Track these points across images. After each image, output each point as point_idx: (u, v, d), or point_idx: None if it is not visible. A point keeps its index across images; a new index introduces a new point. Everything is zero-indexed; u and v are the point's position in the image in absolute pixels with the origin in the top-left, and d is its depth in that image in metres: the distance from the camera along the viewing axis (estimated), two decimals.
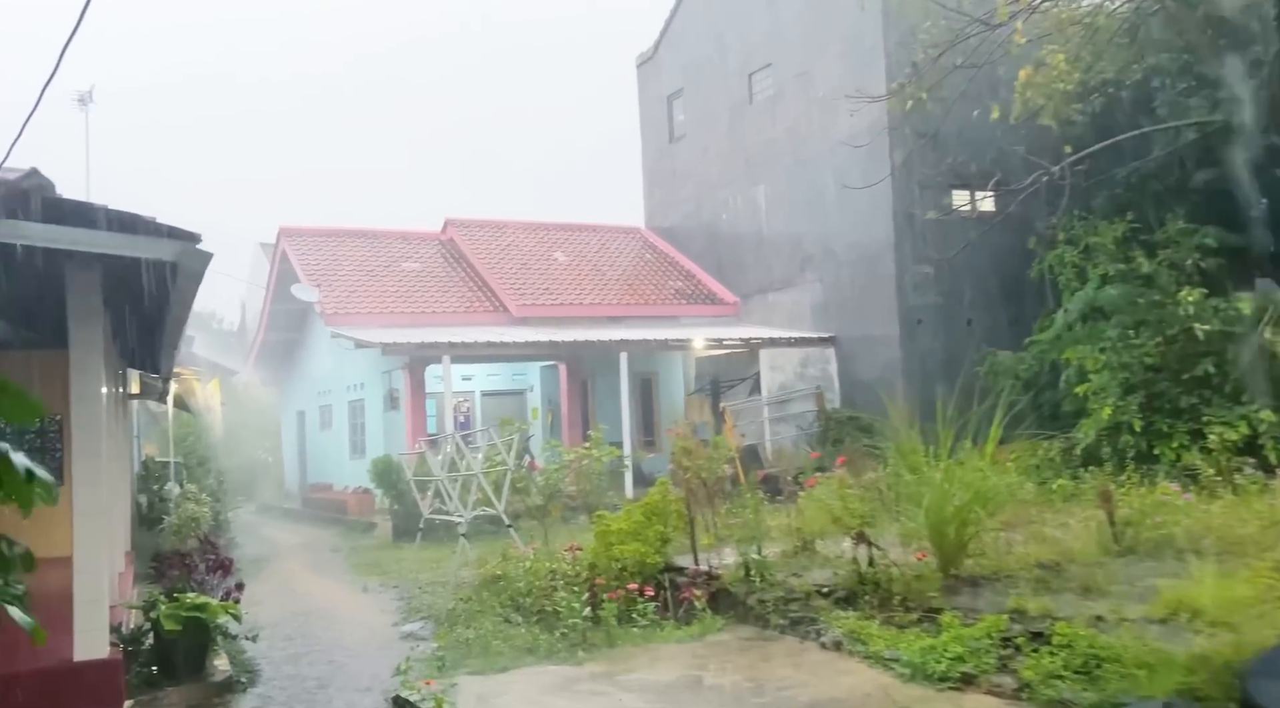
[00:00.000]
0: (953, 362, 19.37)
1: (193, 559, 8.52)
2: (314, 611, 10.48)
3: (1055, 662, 5.16)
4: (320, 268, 22.20)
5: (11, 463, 2.17)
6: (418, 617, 9.66)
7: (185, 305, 7.56)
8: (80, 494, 6.68)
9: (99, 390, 6.90)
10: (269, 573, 13.74)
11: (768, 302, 22.69)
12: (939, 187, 19.69)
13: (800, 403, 20.42)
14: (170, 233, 6.25)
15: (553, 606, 7.96)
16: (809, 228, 21.32)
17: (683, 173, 25.81)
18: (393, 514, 16.96)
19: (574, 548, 8.84)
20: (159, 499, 15.15)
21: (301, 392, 27.32)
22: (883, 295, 19.55)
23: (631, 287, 23.65)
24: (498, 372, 23.30)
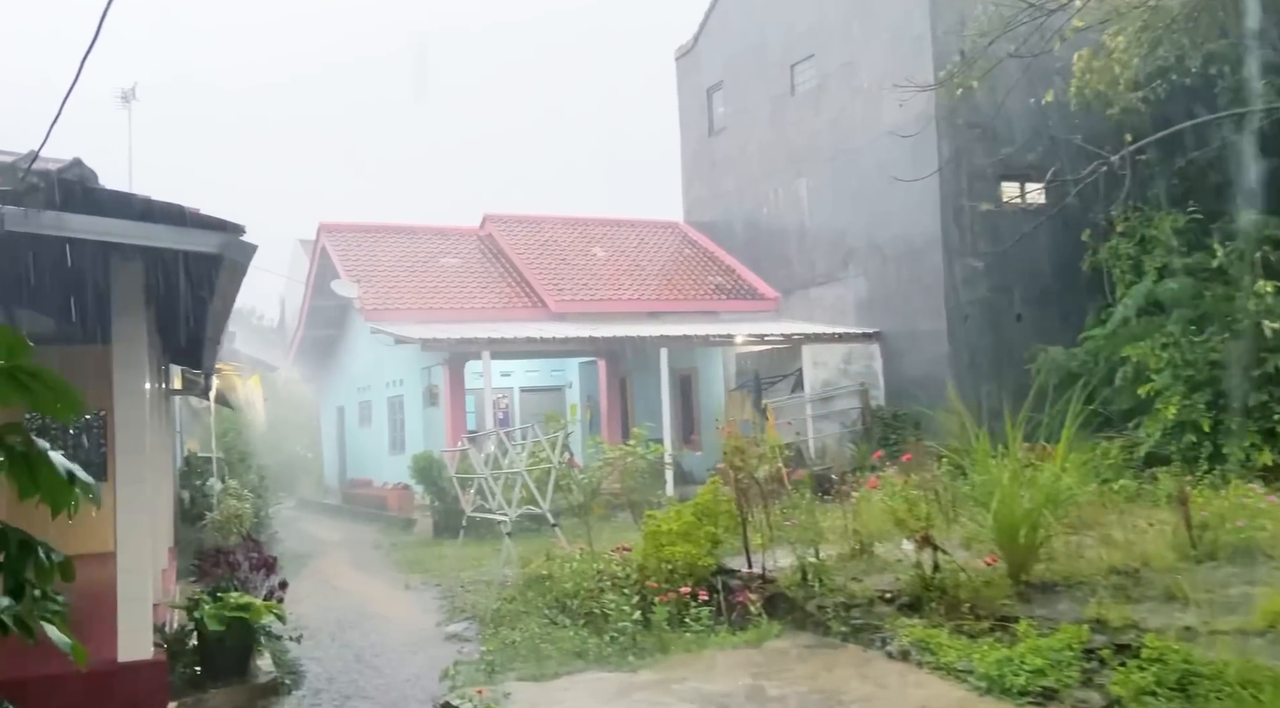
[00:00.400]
0: (1002, 358, 18.93)
1: (236, 557, 8.39)
2: (357, 609, 10.35)
3: (1147, 678, 4.82)
4: (360, 264, 22.17)
5: (52, 464, 1.96)
6: (462, 617, 9.48)
7: (228, 299, 7.41)
8: (124, 491, 6.56)
9: (142, 386, 6.78)
10: (311, 570, 13.67)
11: (810, 297, 22.31)
12: (988, 178, 19.20)
13: (844, 400, 20.04)
14: (214, 225, 6.09)
15: (601, 608, 7.72)
16: (853, 221, 20.91)
17: (722, 166, 25.47)
18: (433, 511, 16.86)
19: (622, 549, 8.60)
20: (201, 495, 15.15)
21: (341, 388, 27.39)
22: (930, 290, 19.10)
23: (670, 282, 23.38)
24: (536, 368, 23.15)
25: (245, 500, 14.11)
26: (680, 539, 7.62)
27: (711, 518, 7.84)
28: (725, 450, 7.49)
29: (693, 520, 7.70)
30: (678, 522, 7.71)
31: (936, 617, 6.24)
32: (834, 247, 21.50)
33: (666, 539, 7.63)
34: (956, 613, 6.22)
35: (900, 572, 7.19)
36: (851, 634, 6.40)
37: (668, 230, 26.16)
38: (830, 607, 6.58)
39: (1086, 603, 6.07)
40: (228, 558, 8.36)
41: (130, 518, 6.56)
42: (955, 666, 5.54)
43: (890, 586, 6.91)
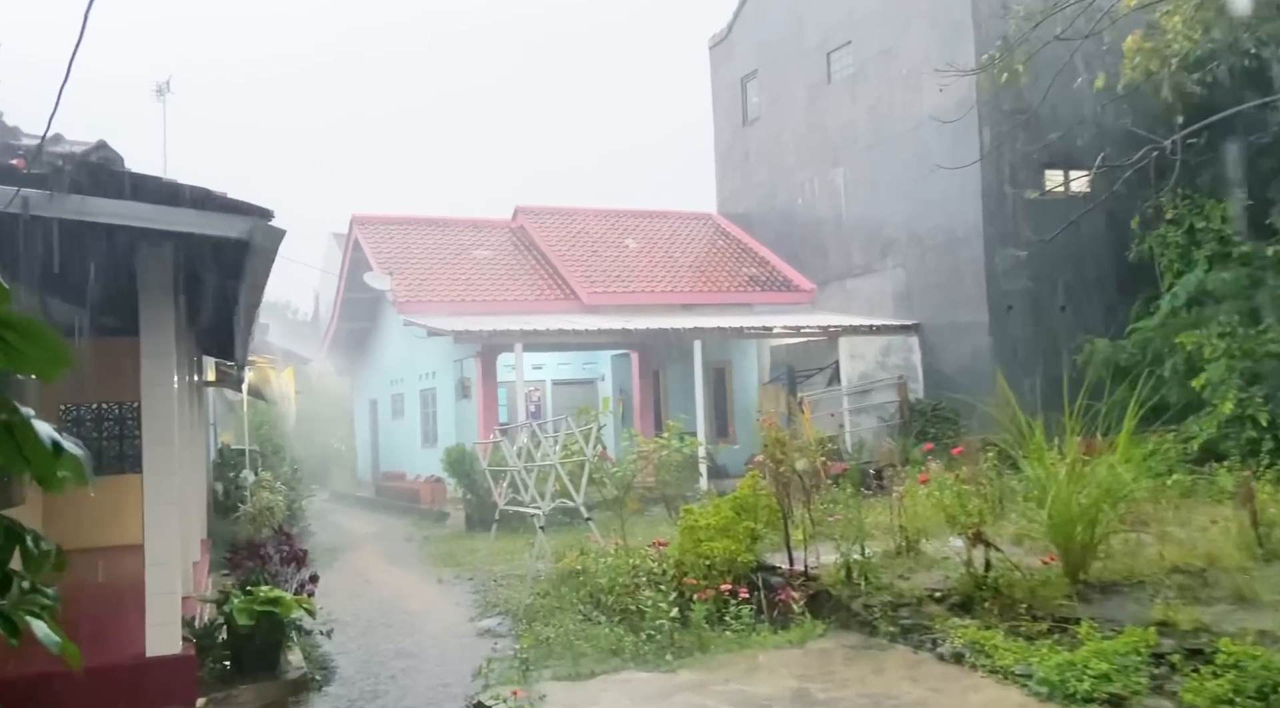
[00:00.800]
0: (1045, 350, 18.47)
1: (267, 550, 8.27)
2: (388, 603, 10.22)
3: (1222, 685, 4.51)
4: (392, 256, 22.12)
5: (37, 434, 1.76)
6: (495, 612, 9.31)
7: (258, 288, 7.26)
8: (152, 483, 6.43)
9: (170, 377, 6.64)
10: (343, 563, 13.58)
11: (846, 289, 21.93)
12: (1030, 166, 18.73)
13: (881, 393, 19.66)
14: (241, 208, 5.93)
15: (637, 604, 7.50)
16: (891, 211, 20.50)
17: (757, 157, 25.13)
18: (465, 504, 16.75)
19: (658, 544, 8.37)
20: (235, 487, 15.14)
21: (374, 380, 27.41)
22: (970, 281, 18.67)
23: (704, 274, 23.10)
24: (569, 360, 22.98)
25: (278, 493, 14.06)
26: (719, 535, 7.38)
27: (750, 513, 7.59)
28: (765, 443, 7.23)
29: (731, 515, 7.45)
30: (716, 516, 7.47)
31: (990, 617, 5.95)
32: (871, 237, 21.11)
33: (704, 535, 7.38)
34: (1011, 613, 5.93)
35: (949, 570, 6.90)
36: (900, 635, 6.12)
37: (701, 222, 25.87)
38: (877, 606, 6.30)
39: (1150, 604, 5.76)
40: (258, 551, 8.24)
41: (158, 510, 6.43)
42: (1013, 669, 5.25)
43: (939, 584, 6.62)
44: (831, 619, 6.60)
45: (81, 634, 7.29)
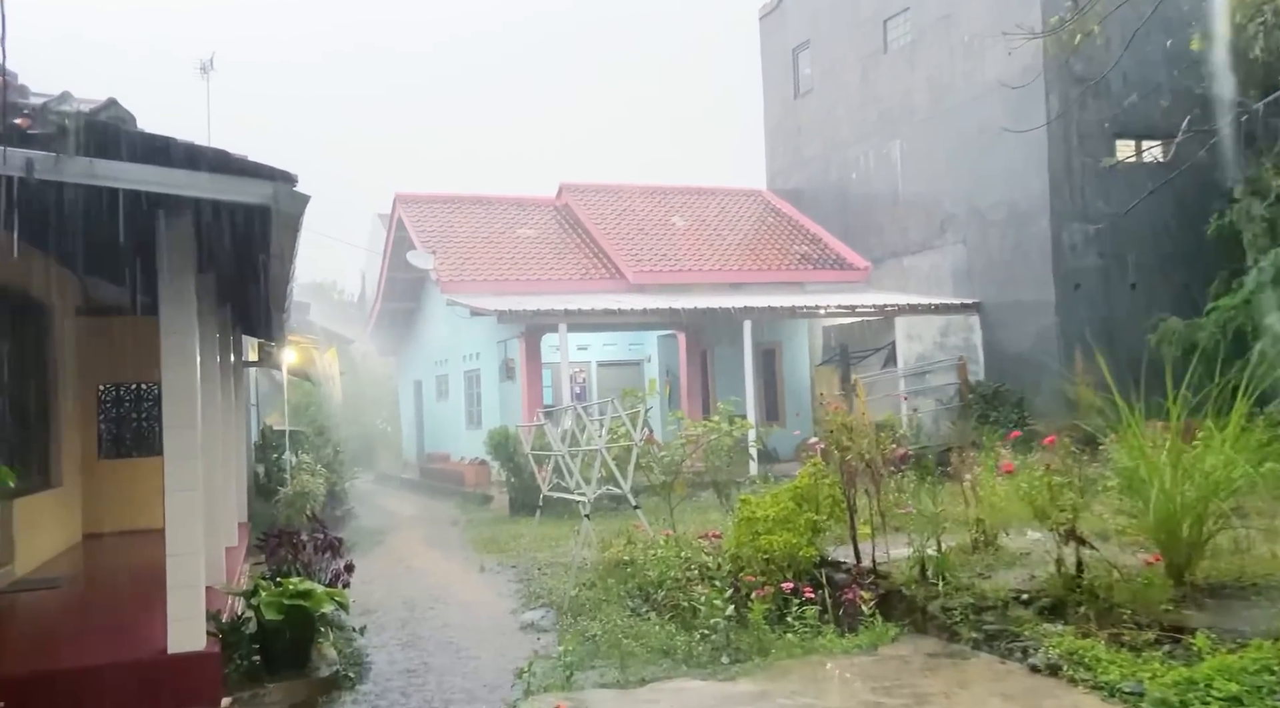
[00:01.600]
0: (1116, 330, 17.53)
1: (300, 538, 7.88)
2: (429, 592, 9.82)
3: None
4: (435, 235, 21.76)
5: None
6: (538, 604, 8.85)
7: (285, 261, 6.82)
8: (173, 469, 6.02)
9: (193, 356, 6.22)
10: (384, 548, 13.26)
11: (902, 266, 21.11)
12: (1101, 135, 17.76)
13: (940, 375, 18.88)
14: (263, 172, 5.46)
15: (689, 601, 6.98)
16: (950, 185, 19.63)
17: (809, 130, 24.31)
18: (509, 487, 16.36)
19: (711, 535, 7.83)
20: (277, 469, 14.89)
21: (418, 361, 27.18)
22: (1035, 257, 17.79)
23: (753, 252, 22.40)
24: (614, 341, 22.47)
25: (319, 476, 13.76)
26: (778, 527, 6.81)
27: (812, 503, 7.01)
28: (830, 428, 6.64)
29: (792, 506, 6.88)
30: (775, 507, 6.90)
31: (1086, 624, 5.31)
32: (930, 212, 20.25)
33: (762, 526, 6.82)
34: (1111, 620, 5.29)
35: (1034, 568, 6.27)
36: (984, 642, 5.51)
37: (750, 198, 25.13)
38: (957, 608, 5.69)
39: (1272, 611, 5.09)
40: (292, 539, 7.85)
41: (180, 498, 6.02)
42: (1120, 686, 4.62)
43: (1024, 584, 5.99)
44: (905, 622, 6.01)
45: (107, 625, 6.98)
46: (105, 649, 6.07)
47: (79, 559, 10.57)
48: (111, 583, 9.20)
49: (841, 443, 6.50)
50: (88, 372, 12.90)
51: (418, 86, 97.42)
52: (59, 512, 10.93)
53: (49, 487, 10.72)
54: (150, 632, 6.08)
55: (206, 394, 8.66)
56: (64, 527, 11.08)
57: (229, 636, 6.29)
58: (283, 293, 8.37)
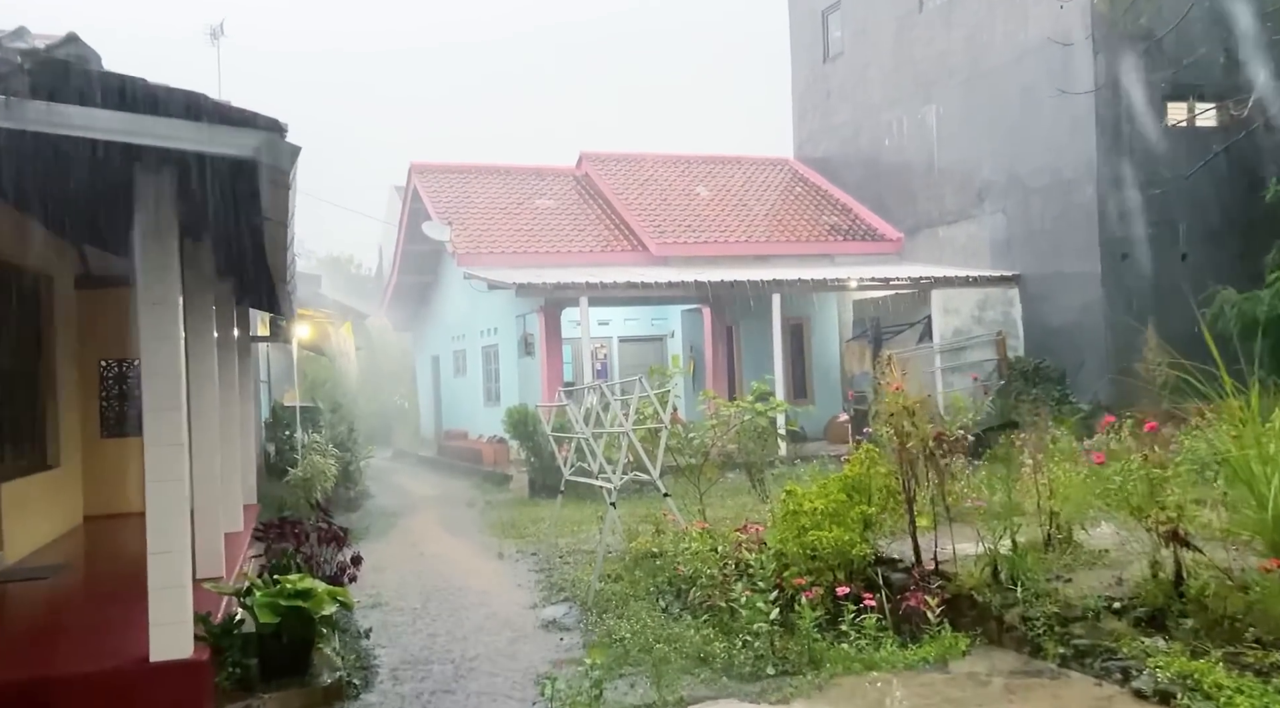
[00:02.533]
0: (1165, 303, 16.63)
1: (303, 529, 7.27)
2: (444, 582, 9.22)
3: None
4: (452, 206, 21.07)
5: None
6: (560, 597, 8.23)
7: (281, 225, 6.14)
8: (154, 457, 5.38)
9: (176, 330, 5.55)
10: (398, 531, 12.69)
11: (938, 237, 20.24)
12: (1151, 98, 16.76)
13: (977, 351, 18.07)
14: (245, 120, 4.77)
15: (727, 601, 6.31)
16: (990, 151, 18.71)
17: (838, 95, 23.36)
18: (529, 467, 15.76)
19: (750, 527, 7.16)
20: (289, 448, 14.33)
21: (436, 336, 26.59)
22: (1081, 227, 16.90)
23: (781, 223, 21.58)
24: (636, 316, 21.76)
25: (329, 456, 13.18)
26: (827, 520, 6.12)
27: (864, 494, 6.31)
28: (890, 411, 5.93)
29: (842, 498, 6.18)
30: (823, 499, 6.20)
31: (1195, 640, 4.61)
32: (967, 180, 19.35)
33: (810, 520, 6.13)
34: (1224, 636, 4.58)
35: (1120, 569, 5.56)
36: (1074, 658, 4.80)
37: (777, 167, 24.26)
38: (1040, 618, 4.99)
39: None
40: (294, 529, 7.24)
41: (163, 489, 5.38)
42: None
43: (1113, 589, 5.28)
44: (976, 632, 5.31)
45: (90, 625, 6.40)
46: (80, 655, 5.48)
47: (77, 545, 10.02)
48: (105, 573, 8.64)
49: (903, 428, 5.78)
50: (88, 346, 12.36)
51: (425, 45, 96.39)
52: (56, 494, 10.38)
53: (45, 467, 10.17)
54: (137, 634, 5.47)
55: (203, 371, 8.05)
56: (62, 510, 10.53)
57: (220, 640, 5.68)
58: (283, 261, 7.70)
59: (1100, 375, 16.30)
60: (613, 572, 8.64)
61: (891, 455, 6.27)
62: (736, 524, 9.95)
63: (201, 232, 7.69)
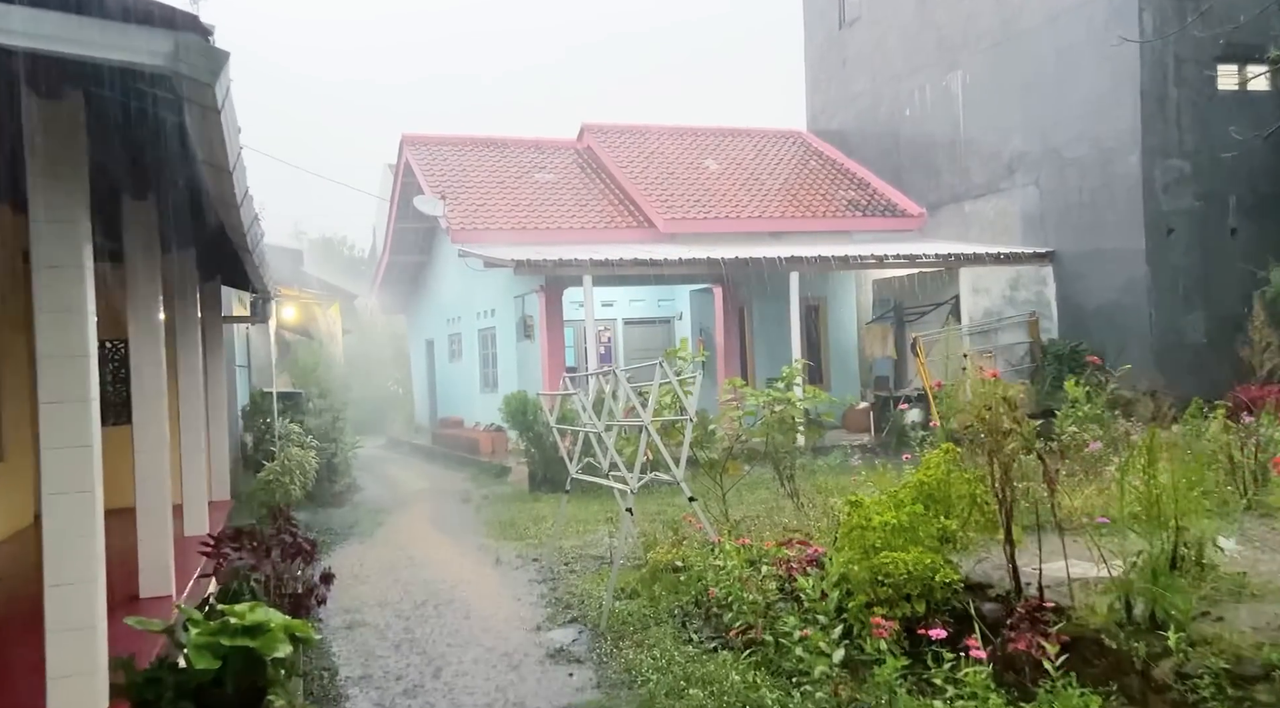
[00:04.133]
0: (1214, 281, 15.49)
1: (264, 541, 6.09)
2: (433, 594, 8.07)
3: None
4: (446, 180, 19.82)
5: None
6: (567, 617, 7.07)
7: (221, 170, 4.93)
8: (50, 461, 4.22)
9: (82, 301, 4.35)
10: (386, 531, 11.53)
11: (963, 212, 19.03)
12: (1200, 60, 15.52)
13: (1008, 333, 16.90)
14: (155, 17, 3.58)
15: (774, 635, 5.17)
16: (1022, 120, 17.48)
17: (855, 64, 22.08)
18: (528, 458, 14.58)
19: (798, 542, 5.99)
20: (271, 437, 13.15)
21: (430, 319, 25.37)
22: (1123, 199, 15.68)
23: (795, 198, 20.34)
24: (642, 297, 20.55)
25: (309, 448, 12.01)
26: (899, 537, 4.95)
27: (941, 504, 5.14)
28: (983, 405, 4.75)
29: (917, 510, 5.02)
30: (894, 512, 5.03)
31: None
32: (996, 151, 18.12)
33: (879, 537, 4.96)
34: None
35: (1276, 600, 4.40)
36: None
37: (789, 140, 23.00)
38: (1204, 674, 3.83)
39: None
40: (252, 542, 6.06)
41: (63, 505, 4.22)
42: None
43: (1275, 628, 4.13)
44: (1110, 688, 4.14)
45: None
46: None
47: (19, 551, 8.85)
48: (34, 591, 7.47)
49: (997, 426, 4.61)
50: None
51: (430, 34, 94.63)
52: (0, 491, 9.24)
53: None
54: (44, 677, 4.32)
55: (150, 353, 6.87)
56: (6, 509, 9.37)
57: (145, 692, 4.52)
58: (238, 223, 6.48)
59: (1143, 359, 15.14)
60: (627, 585, 7.50)
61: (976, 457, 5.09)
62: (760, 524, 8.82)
63: (143, 188, 6.49)
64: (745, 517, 9.80)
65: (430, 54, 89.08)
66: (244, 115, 4.77)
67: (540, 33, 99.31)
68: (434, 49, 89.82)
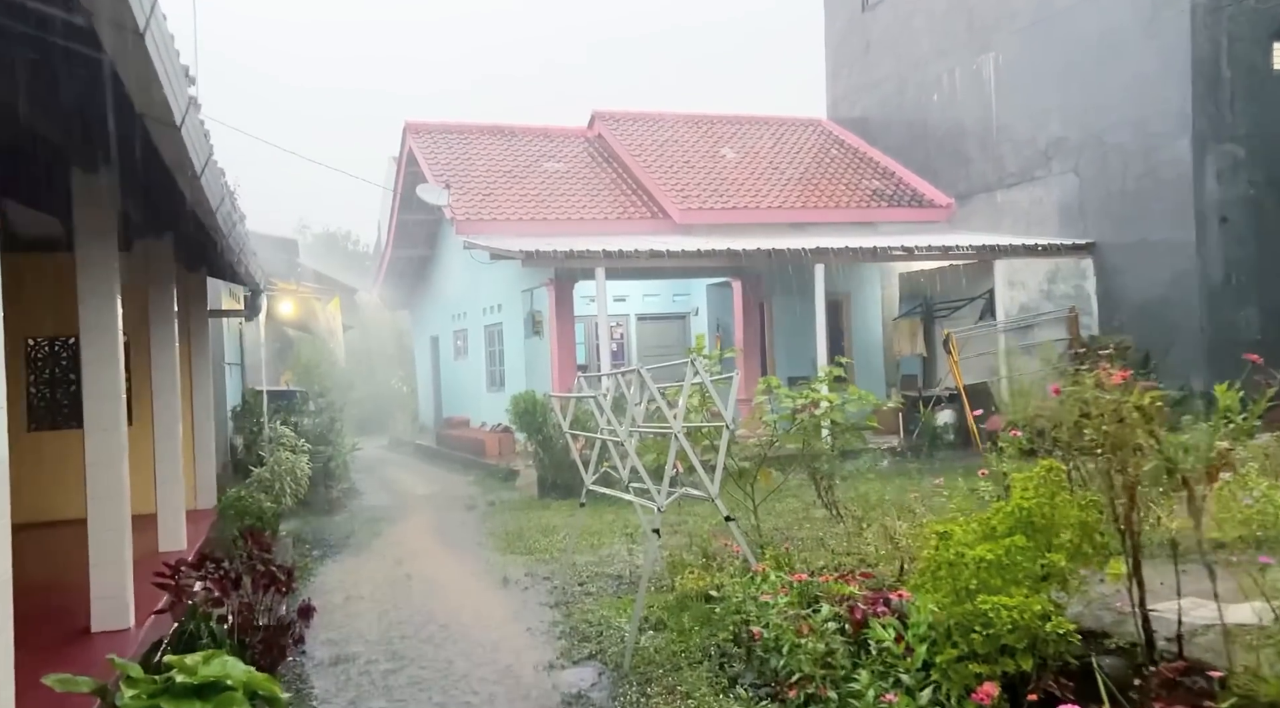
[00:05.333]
0: (1270, 274, 14.51)
1: (229, 568, 5.20)
2: (432, 622, 7.18)
3: None
4: (450, 169, 18.92)
5: None
6: (584, 652, 6.17)
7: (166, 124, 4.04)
8: None
9: None
10: (384, 543, 10.65)
11: (995, 202, 18.06)
12: (1255, 38, 14.53)
13: (1045, 329, 15.93)
14: None
15: (839, 692, 4.26)
16: (1059, 104, 16.50)
17: (879, 48, 21.11)
18: (537, 463, 13.69)
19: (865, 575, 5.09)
20: (258, 441, 12.28)
21: (434, 315, 24.51)
22: (1171, 187, 14.70)
23: (816, 187, 19.39)
24: (656, 291, 19.65)
25: (301, 452, 11.13)
26: (997, 575, 4.03)
27: (1043, 534, 4.22)
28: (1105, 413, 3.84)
29: (1018, 542, 4.10)
30: (990, 546, 4.11)
31: None
32: (1030, 138, 17.14)
33: (973, 574, 4.04)
34: None
35: None
36: None
37: (808, 128, 22.05)
38: None
39: None
40: (217, 572, 5.17)
41: None
42: None
43: None
44: None
45: None
46: None
47: None
48: None
49: (1129, 440, 3.68)
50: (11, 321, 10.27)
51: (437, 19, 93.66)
52: None
53: None
54: None
55: (102, 350, 5.98)
56: None
57: None
58: (203, 199, 5.59)
59: (1192, 357, 14.20)
60: (651, 612, 6.60)
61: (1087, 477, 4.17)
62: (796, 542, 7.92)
63: (92, 156, 5.59)
64: (776, 531, 8.91)
65: (447, 67, 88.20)
66: (260, 122, 3.87)
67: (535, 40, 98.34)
68: (452, 63, 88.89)
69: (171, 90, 3.68)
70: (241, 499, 8.35)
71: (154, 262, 8.23)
